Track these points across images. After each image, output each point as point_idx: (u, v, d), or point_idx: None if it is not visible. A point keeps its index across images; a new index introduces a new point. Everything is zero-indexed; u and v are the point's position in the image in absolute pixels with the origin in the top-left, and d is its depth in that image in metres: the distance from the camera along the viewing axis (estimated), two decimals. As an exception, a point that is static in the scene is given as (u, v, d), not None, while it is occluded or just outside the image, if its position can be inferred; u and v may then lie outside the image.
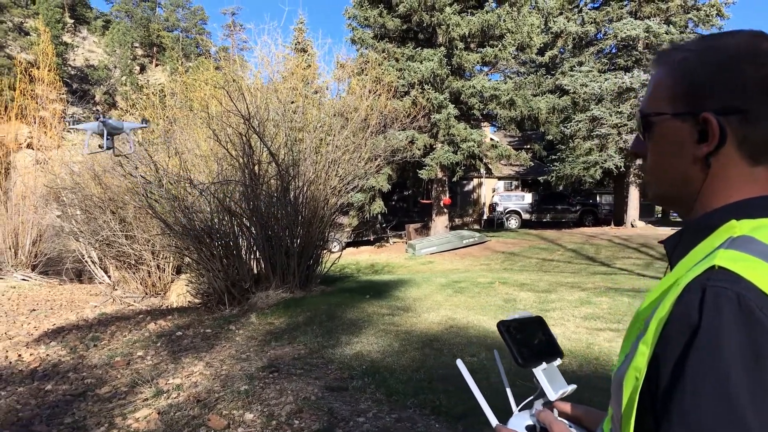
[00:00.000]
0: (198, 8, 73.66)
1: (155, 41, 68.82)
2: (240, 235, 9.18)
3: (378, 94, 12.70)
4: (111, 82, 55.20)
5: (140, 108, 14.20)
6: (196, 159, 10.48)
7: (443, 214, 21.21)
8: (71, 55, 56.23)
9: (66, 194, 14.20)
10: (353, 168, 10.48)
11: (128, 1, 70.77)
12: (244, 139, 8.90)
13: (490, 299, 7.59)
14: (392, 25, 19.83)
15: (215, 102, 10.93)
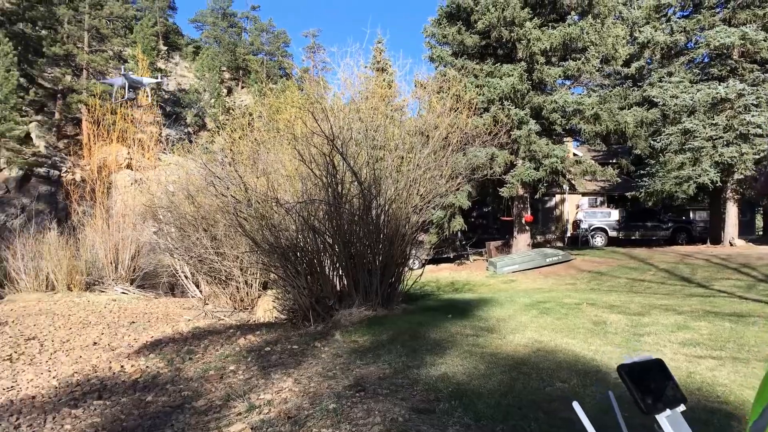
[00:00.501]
0: (281, 32, 76.60)
1: (241, 65, 72.07)
2: (323, 252, 9.39)
3: (458, 112, 12.70)
4: (200, 104, 58.14)
5: (228, 129, 14.89)
6: (281, 179, 10.85)
7: (525, 231, 20.81)
8: (165, 80, 59.70)
9: (162, 212, 15.07)
10: (434, 186, 10.51)
11: (217, 28, 74.63)
12: (328, 159, 9.13)
13: (578, 321, 7.36)
14: (471, 42, 19.82)
15: (300, 123, 11.31)
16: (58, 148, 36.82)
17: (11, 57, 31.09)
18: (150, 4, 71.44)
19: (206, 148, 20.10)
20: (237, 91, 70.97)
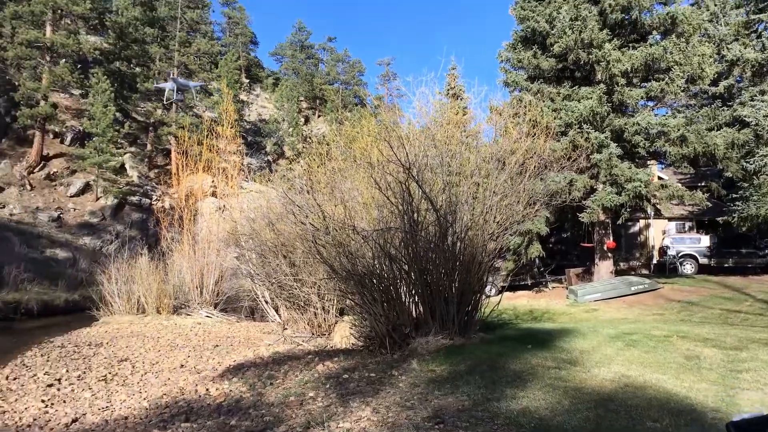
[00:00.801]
0: (356, 61, 78.58)
1: (318, 94, 74.35)
2: (400, 279, 9.42)
3: (534, 136, 12.51)
4: (280, 133, 60.24)
5: (307, 158, 15.33)
6: (358, 206, 11.02)
7: (607, 258, 20.05)
8: (246, 111, 62.39)
9: (244, 239, 15.63)
10: (511, 213, 10.36)
11: (295, 60, 77.52)
12: (404, 187, 9.20)
13: (669, 355, 6.98)
14: (547, 66, 19.57)
15: (376, 151, 11.49)
16: (149, 178, 39.06)
17: (108, 93, 33.44)
18: (234, 40, 75.19)
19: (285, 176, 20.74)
20: (314, 119, 73.12)
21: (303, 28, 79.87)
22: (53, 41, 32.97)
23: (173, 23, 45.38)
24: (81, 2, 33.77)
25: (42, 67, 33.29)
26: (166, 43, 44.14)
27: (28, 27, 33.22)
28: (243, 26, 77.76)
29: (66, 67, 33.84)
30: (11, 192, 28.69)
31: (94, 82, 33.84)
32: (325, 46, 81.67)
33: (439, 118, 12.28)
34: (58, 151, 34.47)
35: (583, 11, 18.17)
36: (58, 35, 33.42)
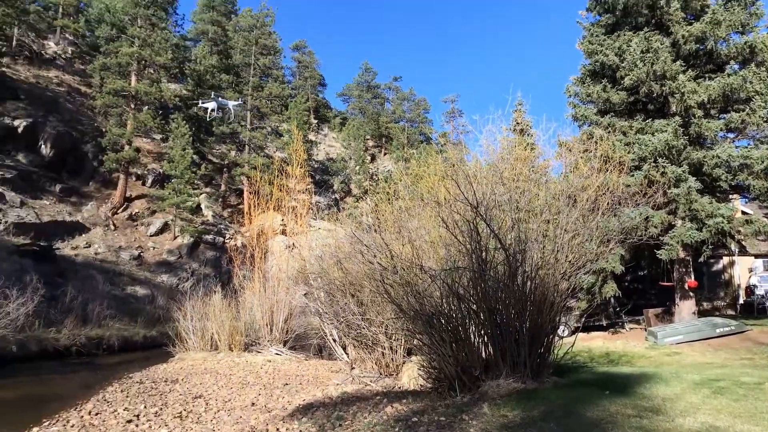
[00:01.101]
0: (421, 99, 79.62)
1: (384, 132, 75.63)
2: (468, 319, 9.25)
3: (606, 172, 12.16)
4: (346, 172, 61.41)
5: (374, 198, 15.50)
6: (425, 245, 10.99)
7: (688, 298, 19.00)
8: (315, 150, 64.08)
9: (312, 277, 15.86)
10: (583, 251, 10.03)
11: (362, 100, 79.43)
12: (471, 226, 9.12)
13: (761, 404, 6.47)
14: (618, 99, 19.13)
15: (443, 189, 11.48)
16: (223, 217, 40.55)
17: (187, 137, 35.24)
18: (303, 83, 77.93)
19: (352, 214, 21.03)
20: (380, 157, 74.19)
21: (369, 69, 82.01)
22: (137, 90, 35.23)
23: (247, 69, 47.58)
24: (163, 53, 36.04)
25: (127, 114, 35.57)
26: (240, 88, 46.26)
27: (116, 77, 35.71)
28: (312, 69, 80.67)
29: (149, 113, 36.00)
30: (97, 232, 30.42)
31: (174, 127, 35.79)
32: (390, 85, 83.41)
33: (506, 155, 12.17)
34: (140, 192, 36.44)
35: (655, 43, 17.73)
36: (142, 84, 35.70)
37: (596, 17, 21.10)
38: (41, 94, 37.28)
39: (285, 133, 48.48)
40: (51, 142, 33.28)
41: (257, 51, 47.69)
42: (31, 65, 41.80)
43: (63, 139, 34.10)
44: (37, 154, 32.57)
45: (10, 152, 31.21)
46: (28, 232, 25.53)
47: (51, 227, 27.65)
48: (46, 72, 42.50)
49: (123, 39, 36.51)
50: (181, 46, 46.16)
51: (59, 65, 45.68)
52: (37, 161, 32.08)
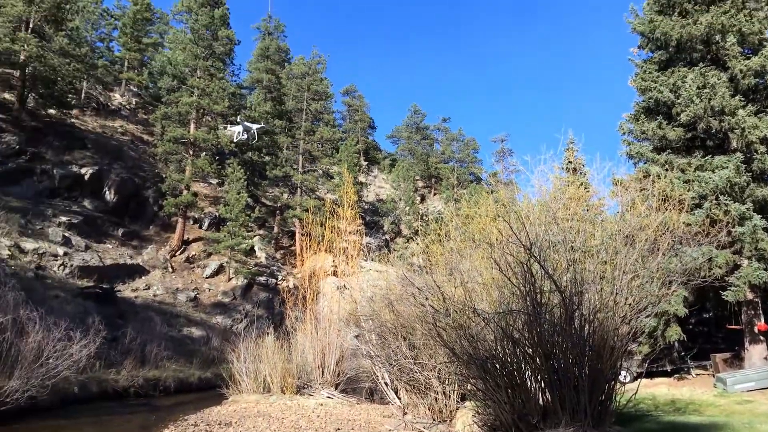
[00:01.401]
0: (470, 139, 79.79)
1: (433, 173, 75.91)
2: (524, 364, 8.99)
3: (665, 211, 11.77)
4: (396, 212, 61.66)
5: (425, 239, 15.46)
6: (478, 287, 10.82)
7: (759, 342, 17.93)
8: (365, 192, 64.78)
9: (363, 319, 15.81)
10: (644, 293, 9.66)
11: (411, 141, 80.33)
12: (525, 267, 8.94)
13: None
14: (674, 136, 18.65)
15: (495, 230, 11.35)
16: (275, 259, 41.20)
17: (242, 182, 36.28)
18: (353, 126, 79.58)
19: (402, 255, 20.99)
20: (430, 197, 74.33)
21: (418, 111, 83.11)
22: (196, 137, 36.71)
23: (299, 114, 48.95)
24: (220, 101, 37.57)
25: (186, 160, 37.00)
26: (293, 132, 47.56)
27: (176, 125, 37.35)
28: (362, 113, 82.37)
29: (206, 159, 37.34)
30: (156, 274, 31.36)
31: (230, 171, 36.95)
32: (439, 126, 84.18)
33: (559, 195, 11.98)
34: (197, 235, 37.52)
35: (711, 78, 17.33)
36: (200, 131, 37.18)
37: (648, 54, 20.85)
38: (107, 143, 39.27)
39: (336, 175, 49.32)
40: (115, 188, 34.85)
41: (309, 97, 49.07)
42: (98, 116, 44.21)
43: (126, 185, 35.66)
44: (102, 200, 34.10)
45: (77, 198, 32.79)
46: (91, 274, 26.55)
47: (113, 270, 28.68)
48: (112, 122, 44.85)
49: (183, 89, 38.27)
50: (237, 94, 47.99)
51: (124, 115, 48.18)
52: (101, 207, 33.56)
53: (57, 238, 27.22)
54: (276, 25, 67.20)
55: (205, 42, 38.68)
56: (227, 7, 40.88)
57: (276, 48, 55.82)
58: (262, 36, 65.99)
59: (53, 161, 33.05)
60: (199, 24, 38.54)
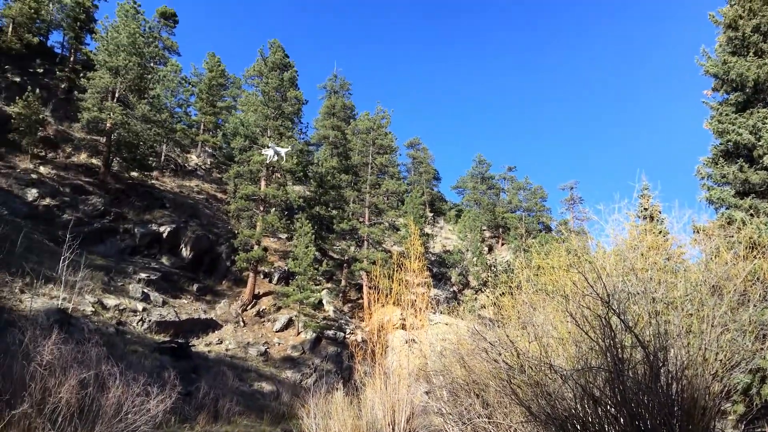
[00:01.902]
0: (537, 187, 78.56)
1: (500, 223, 74.96)
2: (607, 425, 8.46)
3: (754, 259, 11.05)
4: (464, 263, 60.89)
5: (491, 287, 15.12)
6: (553, 341, 10.40)
7: None
8: (431, 243, 64.54)
9: (434, 374, 15.44)
10: (736, 348, 9.00)
11: (476, 191, 80.00)
12: (603, 321, 8.54)
13: None
14: (757, 179, 17.72)
15: (569, 282, 10.95)
16: (343, 312, 41.32)
17: (310, 236, 36.96)
18: (418, 178, 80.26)
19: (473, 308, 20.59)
20: (497, 248, 73.23)
21: (483, 161, 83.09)
22: (266, 193, 37.94)
23: (365, 168, 49.88)
24: (289, 159, 38.86)
25: (256, 216, 38.19)
26: (359, 186, 48.40)
27: (247, 183, 38.82)
28: (426, 165, 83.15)
29: (275, 215, 38.42)
30: (228, 329, 32.04)
31: (298, 226, 37.79)
32: (505, 175, 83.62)
33: (636, 243, 11.49)
34: (267, 289, 38.27)
35: (794, 117, 16.52)
36: (270, 188, 38.43)
37: (723, 96, 20.15)
38: (184, 201, 41.20)
39: (402, 227, 49.52)
40: (191, 244, 36.30)
41: (374, 151, 50.04)
42: (176, 176, 46.64)
43: (201, 241, 37.08)
44: (179, 257, 35.53)
45: (155, 255, 34.34)
46: (168, 329, 27.41)
47: (188, 325, 29.53)
48: (189, 182, 47.17)
49: (254, 148, 39.89)
50: (305, 151, 49.67)
51: (199, 175, 50.61)
52: (178, 263, 34.94)
53: (137, 294, 28.41)
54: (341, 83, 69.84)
55: (274, 103, 40.43)
56: (296, 70, 42.77)
57: (341, 105, 57.67)
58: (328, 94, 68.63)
59: (135, 220, 34.89)
60: (269, 86, 40.43)
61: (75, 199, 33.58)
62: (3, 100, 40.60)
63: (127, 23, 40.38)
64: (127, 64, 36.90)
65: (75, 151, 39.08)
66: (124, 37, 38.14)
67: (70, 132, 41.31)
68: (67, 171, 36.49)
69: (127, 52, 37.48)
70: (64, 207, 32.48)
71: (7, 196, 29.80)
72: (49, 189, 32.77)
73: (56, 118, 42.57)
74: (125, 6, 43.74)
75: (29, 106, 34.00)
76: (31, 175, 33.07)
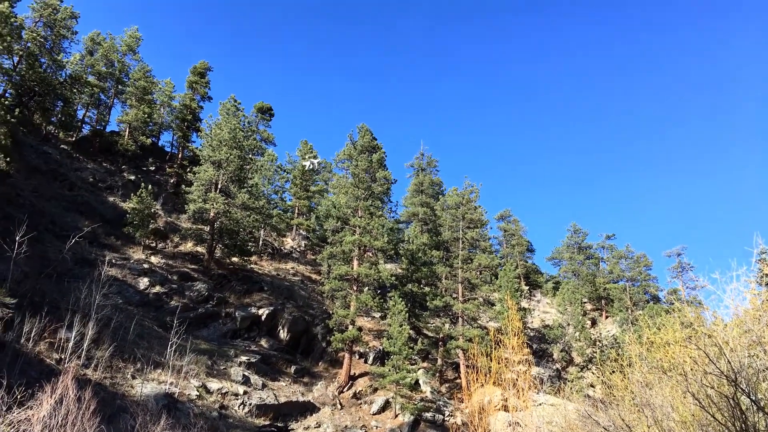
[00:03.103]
0: (640, 255, 74.40)
1: (602, 294, 71.25)
2: None
3: None
4: (566, 338, 57.96)
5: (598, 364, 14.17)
6: (675, 426, 9.50)
7: None
8: (529, 318, 62.21)
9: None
10: None
11: (573, 262, 76.97)
12: (731, 402, 7.74)
13: None
14: None
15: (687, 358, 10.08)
16: (441, 392, 40.07)
17: (404, 314, 36.72)
18: (510, 251, 78.76)
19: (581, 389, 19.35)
20: (601, 320, 69.49)
21: (578, 230, 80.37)
22: (359, 273, 38.44)
23: (456, 244, 49.62)
24: (380, 238, 39.48)
25: (350, 296, 38.60)
26: (451, 262, 48.05)
27: (340, 263, 39.59)
28: (518, 237, 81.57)
29: (369, 294, 38.70)
30: (325, 411, 31.83)
31: (391, 304, 37.73)
32: (603, 244, 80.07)
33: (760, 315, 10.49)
34: (362, 370, 38.00)
35: None
36: (362, 267, 38.95)
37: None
38: (280, 284, 42.51)
39: (497, 302, 48.28)
40: (287, 326, 37.05)
41: (464, 226, 49.84)
42: (273, 260, 48.47)
43: (297, 323, 37.78)
44: (276, 338, 36.28)
45: (255, 338, 35.28)
46: (267, 413, 27.63)
47: (286, 408, 29.64)
48: (285, 264, 48.80)
49: (346, 229, 40.93)
50: (395, 229, 50.36)
51: (295, 258, 52.32)
52: (276, 345, 35.64)
53: (238, 377, 29.05)
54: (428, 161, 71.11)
55: (364, 184, 41.66)
56: (383, 151, 44.16)
57: (429, 182, 58.54)
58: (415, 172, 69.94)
59: (235, 304, 36.28)
60: (359, 169, 41.85)
61: (182, 286, 35.52)
62: (120, 197, 44.60)
63: (229, 120, 43.81)
64: (228, 157, 39.68)
65: (182, 240, 41.80)
66: (225, 132, 41.28)
67: (178, 223, 44.41)
68: (175, 259, 38.92)
69: (228, 146, 40.41)
70: (171, 294, 34.38)
71: (122, 285, 32.00)
72: (158, 277, 34.94)
73: (165, 210, 46.07)
74: (227, 104, 47.64)
75: (142, 201, 37.01)
76: (143, 265, 35.51)
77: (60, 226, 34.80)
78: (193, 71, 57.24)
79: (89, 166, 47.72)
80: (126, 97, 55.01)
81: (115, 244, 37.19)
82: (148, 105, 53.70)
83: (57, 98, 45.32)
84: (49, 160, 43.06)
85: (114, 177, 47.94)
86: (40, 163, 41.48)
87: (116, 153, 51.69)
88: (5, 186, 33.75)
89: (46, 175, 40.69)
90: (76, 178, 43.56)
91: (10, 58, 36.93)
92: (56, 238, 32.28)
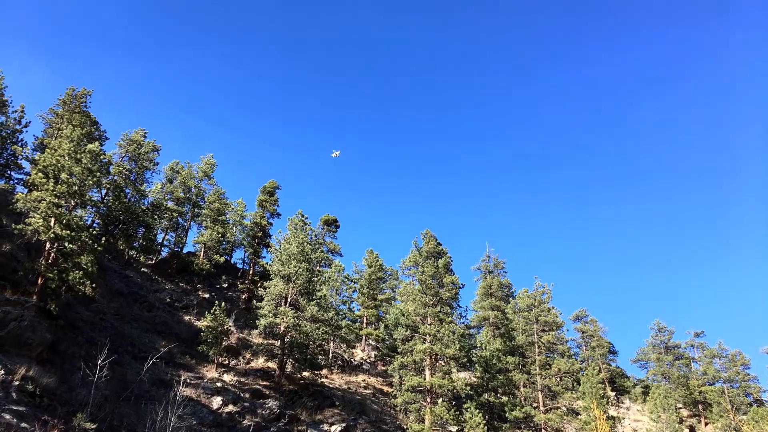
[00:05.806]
0: (735, 353, 68.60)
1: (698, 398, 65.38)
2: None
3: None
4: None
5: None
6: None
7: None
8: (619, 427, 57.43)
9: None
10: None
11: (662, 363, 71.60)
12: None
13: None
14: None
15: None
16: None
17: (482, 426, 34.70)
18: (591, 353, 74.52)
19: None
20: (700, 428, 63.41)
21: (663, 328, 75.51)
22: (431, 384, 37.05)
23: (531, 348, 47.49)
24: (451, 345, 38.31)
25: (424, 409, 37.00)
26: (527, 368, 45.79)
27: (412, 374, 38.39)
28: (598, 338, 77.36)
29: (443, 405, 36.99)
30: None
31: (468, 417, 35.86)
32: (693, 342, 74.57)
33: None
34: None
35: None
36: (435, 377, 37.59)
37: None
38: (352, 398, 41.44)
39: (582, 411, 45.04)
40: (360, 443, 35.61)
41: (539, 329, 47.88)
42: (343, 372, 47.65)
43: (370, 439, 36.30)
44: (349, 457, 34.80)
45: (327, 457, 33.98)
46: None
47: None
48: (355, 377, 47.84)
49: (416, 337, 40.08)
50: (466, 335, 48.84)
51: (365, 369, 51.30)
52: (349, 464, 34.14)
53: (310, 500, 27.76)
54: (495, 262, 70.19)
55: (432, 290, 41.18)
56: (449, 256, 43.94)
57: (498, 284, 57.30)
58: (483, 275, 68.92)
59: (307, 421, 35.40)
60: (425, 275, 41.60)
61: (253, 404, 35.16)
62: (195, 315, 45.87)
63: (297, 234, 45.20)
64: (297, 271, 40.47)
65: (253, 356, 41.99)
66: (294, 246, 42.44)
67: (249, 338, 44.89)
68: (247, 376, 38.92)
69: (297, 260, 41.35)
70: (244, 413, 34.01)
71: (196, 405, 32.01)
72: (231, 395, 34.82)
73: (237, 326, 46.84)
74: (294, 219, 49.39)
75: (216, 318, 37.83)
76: (217, 384, 35.61)
77: (139, 347, 35.82)
78: (263, 190, 60.19)
79: (167, 286, 49.77)
80: (202, 219, 58.18)
81: (190, 363, 37.73)
82: (221, 225, 56.41)
83: (139, 225, 48.44)
84: (130, 283, 45.24)
85: (189, 296, 49.65)
86: (122, 287, 43.57)
87: (192, 272, 53.89)
88: (90, 311, 35.46)
89: (127, 298, 42.57)
90: (155, 299, 45.32)
91: (99, 191, 40.15)
92: (135, 360, 33.14)
